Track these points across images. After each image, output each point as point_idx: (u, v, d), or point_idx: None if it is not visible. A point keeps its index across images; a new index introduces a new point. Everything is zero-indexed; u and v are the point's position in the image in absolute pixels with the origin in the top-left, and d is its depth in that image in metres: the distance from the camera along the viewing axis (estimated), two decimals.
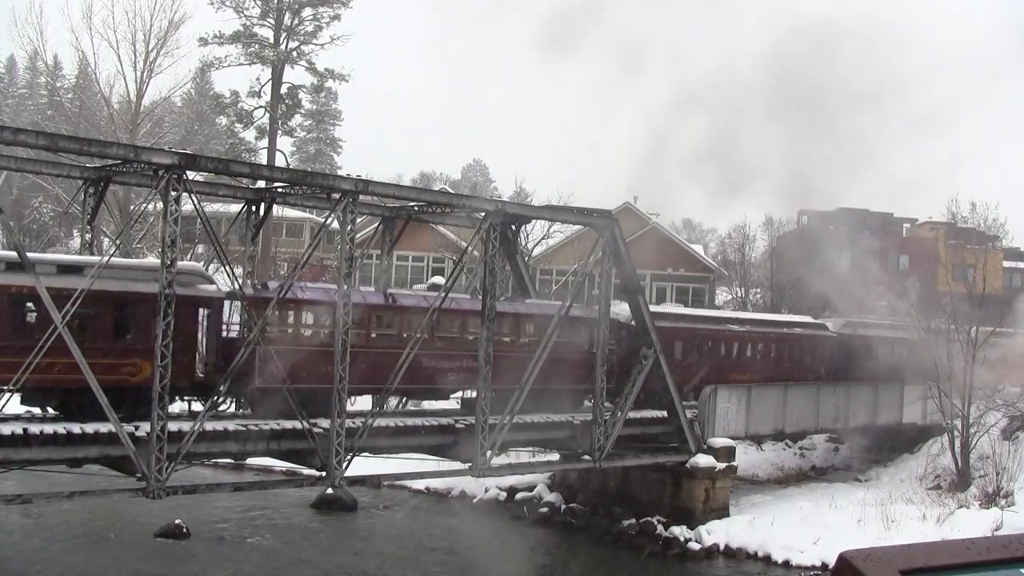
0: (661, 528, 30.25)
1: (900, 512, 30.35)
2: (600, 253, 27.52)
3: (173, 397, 20.96)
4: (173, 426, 20.03)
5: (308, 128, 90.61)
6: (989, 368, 35.22)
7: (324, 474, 22.54)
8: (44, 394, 20.72)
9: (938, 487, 34.06)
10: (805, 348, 39.30)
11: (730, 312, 49.34)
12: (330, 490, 30.15)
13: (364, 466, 25.80)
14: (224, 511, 31.56)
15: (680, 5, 66.99)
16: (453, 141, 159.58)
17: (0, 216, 21.45)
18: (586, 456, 28.17)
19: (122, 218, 46.54)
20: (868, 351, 38.02)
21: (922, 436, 38.35)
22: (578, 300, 29.20)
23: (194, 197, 21.30)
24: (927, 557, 2.92)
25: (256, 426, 22.26)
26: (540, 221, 43.20)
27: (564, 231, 53.71)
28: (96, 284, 19.15)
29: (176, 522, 28.12)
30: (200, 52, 60.43)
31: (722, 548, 29.44)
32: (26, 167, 28.00)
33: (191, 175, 23.24)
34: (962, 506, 31.21)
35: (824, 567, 27.17)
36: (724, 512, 31.12)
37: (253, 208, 26.47)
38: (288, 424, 22.35)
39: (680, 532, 29.96)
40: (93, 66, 52.65)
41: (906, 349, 37.43)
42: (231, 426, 22.09)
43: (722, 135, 44.23)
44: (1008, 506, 30.46)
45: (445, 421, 25.93)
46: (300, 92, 65.59)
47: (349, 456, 22.52)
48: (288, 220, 63.04)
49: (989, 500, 31.32)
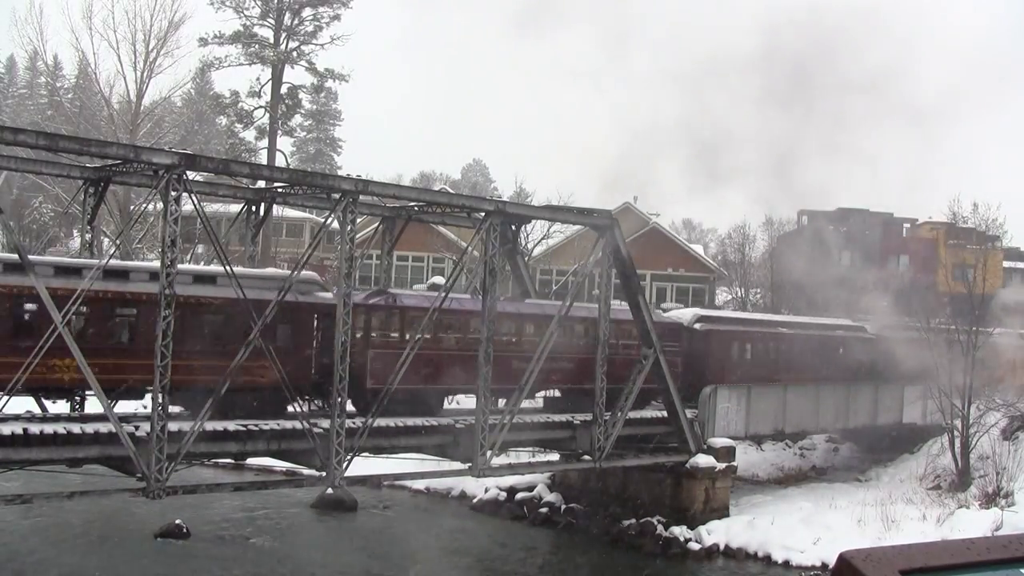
0: (661, 528, 30.27)
1: (900, 512, 30.36)
2: (600, 253, 27.53)
3: (294, 397, 22.68)
4: (173, 426, 20.03)
5: (308, 128, 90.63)
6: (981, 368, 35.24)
7: (324, 474, 22.54)
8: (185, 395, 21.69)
9: (938, 487, 34.08)
10: (848, 349, 39.82)
11: (774, 316, 48.70)
12: (330, 490, 30.16)
13: (364, 466, 25.79)
14: (224, 511, 31.57)
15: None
16: (453, 141, 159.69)
17: (0, 216, 21.49)
18: (586, 456, 28.18)
19: (122, 218, 46.52)
20: (904, 352, 38.17)
21: (922, 436, 38.37)
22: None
23: (194, 197, 21.32)
24: (927, 557, 2.92)
25: (256, 426, 22.25)
26: (540, 221, 43.18)
27: (564, 231, 53.64)
28: (230, 293, 20.95)
29: (176, 522, 28.15)
30: (200, 52, 60.59)
31: (722, 548, 29.48)
32: (26, 167, 27.96)
33: (191, 175, 23.24)
34: (962, 506, 31.23)
35: (824, 567, 27.18)
36: (724, 512, 31.15)
37: (253, 208, 26.52)
38: (288, 424, 22.39)
39: (680, 532, 29.99)
40: (93, 66, 52.70)
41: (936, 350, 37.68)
42: (231, 426, 22.06)
43: (714, 124, 44.35)
44: (1008, 506, 30.48)
45: (445, 421, 25.94)
46: (300, 92, 65.67)
47: (349, 456, 22.51)
48: (288, 220, 63.01)
49: (989, 500, 31.34)
